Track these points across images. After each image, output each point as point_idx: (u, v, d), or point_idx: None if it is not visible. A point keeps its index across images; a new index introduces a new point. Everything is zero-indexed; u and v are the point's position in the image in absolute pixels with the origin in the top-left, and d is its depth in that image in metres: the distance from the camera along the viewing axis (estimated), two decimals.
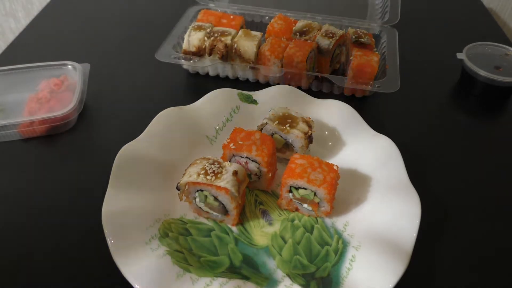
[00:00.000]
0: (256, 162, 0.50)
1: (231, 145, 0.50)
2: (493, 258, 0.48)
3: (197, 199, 0.47)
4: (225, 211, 0.48)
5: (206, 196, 0.47)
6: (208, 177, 0.45)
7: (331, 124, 0.59)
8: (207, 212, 0.48)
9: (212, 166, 0.47)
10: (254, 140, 0.51)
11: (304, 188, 0.48)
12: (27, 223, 0.49)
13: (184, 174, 0.47)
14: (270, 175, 0.51)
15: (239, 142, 0.50)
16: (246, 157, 0.50)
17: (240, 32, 0.68)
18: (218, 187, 0.45)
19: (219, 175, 0.46)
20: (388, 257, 0.43)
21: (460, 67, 0.72)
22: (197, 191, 0.47)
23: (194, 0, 0.80)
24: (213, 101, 0.61)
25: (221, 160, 0.48)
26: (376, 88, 0.63)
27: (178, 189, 0.47)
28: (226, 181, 0.45)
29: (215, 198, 0.47)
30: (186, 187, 0.47)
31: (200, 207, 0.48)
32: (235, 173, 0.46)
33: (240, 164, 0.51)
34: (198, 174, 0.46)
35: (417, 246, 0.44)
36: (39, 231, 0.48)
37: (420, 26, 0.88)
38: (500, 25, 0.91)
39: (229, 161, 0.51)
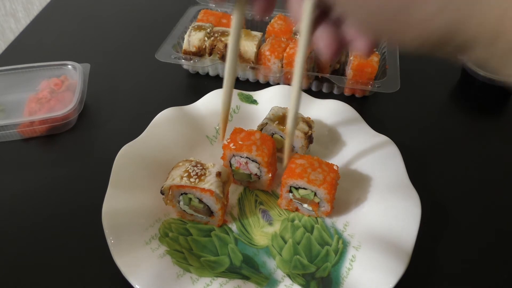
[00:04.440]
0: (256, 162, 0.50)
1: (231, 145, 0.50)
2: (494, 257, 0.48)
3: (181, 202, 0.47)
4: (210, 213, 0.47)
5: (190, 199, 0.46)
6: (192, 180, 0.45)
7: (331, 124, 0.59)
8: (192, 215, 0.48)
9: (195, 168, 0.46)
10: (254, 140, 0.50)
11: (304, 188, 0.48)
12: (27, 223, 0.49)
13: (167, 178, 0.47)
14: (270, 175, 0.51)
15: (239, 142, 0.50)
16: (246, 157, 0.50)
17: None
18: (203, 189, 0.45)
19: (202, 177, 0.45)
20: (388, 257, 0.43)
21: (460, 67, 0.72)
22: (181, 194, 0.47)
23: (194, 0, 0.80)
24: (213, 101, 0.61)
25: (203, 162, 0.48)
26: (376, 88, 0.63)
27: (162, 193, 0.47)
28: (210, 183, 0.45)
29: (200, 200, 0.47)
30: (170, 192, 0.47)
31: (184, 210, 0.48)
32: (218, 174, 0.46)
33: (240, 164, 0.51)
34: (181, 177, 0.45)
35: (417, 246, 0.44)
36: (39, 231, 0.48)
37: None
38: None
39: (229, 161, 0.51)
